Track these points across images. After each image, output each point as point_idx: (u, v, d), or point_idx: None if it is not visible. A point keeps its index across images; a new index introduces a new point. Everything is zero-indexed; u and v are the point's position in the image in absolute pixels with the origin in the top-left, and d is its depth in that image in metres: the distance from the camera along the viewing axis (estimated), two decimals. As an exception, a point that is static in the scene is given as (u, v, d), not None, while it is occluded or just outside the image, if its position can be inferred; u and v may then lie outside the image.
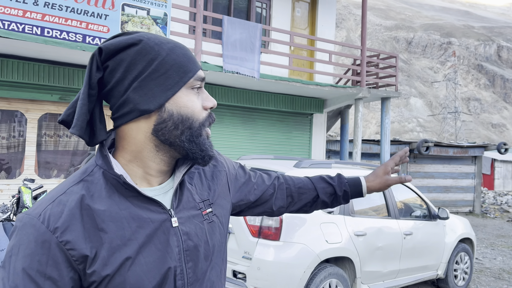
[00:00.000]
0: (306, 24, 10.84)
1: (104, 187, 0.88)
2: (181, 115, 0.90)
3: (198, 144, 0.92)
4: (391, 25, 43.88)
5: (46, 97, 7.24)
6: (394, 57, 10.53)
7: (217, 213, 1.07)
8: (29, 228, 0.81)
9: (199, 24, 7.52)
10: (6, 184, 6.96)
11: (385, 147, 10.17)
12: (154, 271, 0.88)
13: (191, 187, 1.03)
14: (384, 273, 4.39)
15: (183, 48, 0.95)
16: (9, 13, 5.81)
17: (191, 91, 0.92)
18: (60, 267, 0.81)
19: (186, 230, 0.96)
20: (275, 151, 9.92)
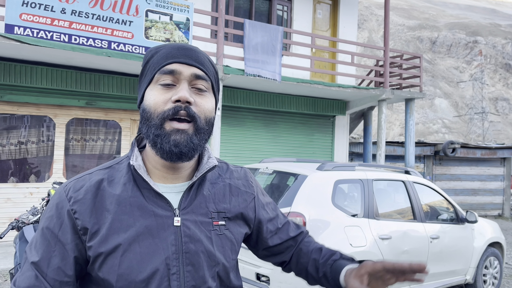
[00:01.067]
0: (328, 26, 10.78)
1: (124, 175, 0.98)
2: (144, 108, 0.96)
3: (153, 134, 0.93)
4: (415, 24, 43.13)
5: (74, 102, 7.44)
6: (418, 57, 10.35)
7: (231, 229, 1.05)
8: (56, 195, 0.96)
9: (221, 28, 7.58)
10: (35, 187, 7.17)
11: (409, 149, 9.99)
12: (146, 263, 0.92)
13: (208, 195, 1.03)
14: (410, 277, 4.30)
15: (171, 47, 0.98)
16: (38, 21, 5.99)
17: (155, 86, 0.96)
18: (68, 232, 0.92)
19: (189, 233, 0.97)
20: (297, 154, 9.89)
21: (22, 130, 7.19)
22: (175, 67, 0.95)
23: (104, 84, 7.52)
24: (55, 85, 7.08)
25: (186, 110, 0.93)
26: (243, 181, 1.14)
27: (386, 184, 4.71)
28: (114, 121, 7.95)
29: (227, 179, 1.11)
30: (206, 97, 0.99)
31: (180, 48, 0.98)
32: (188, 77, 0.95)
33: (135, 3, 6.66)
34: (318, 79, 10.19)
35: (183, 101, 0.92)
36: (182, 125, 0.93)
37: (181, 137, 0.93)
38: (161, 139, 0.92)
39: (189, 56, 0.97)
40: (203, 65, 0.99)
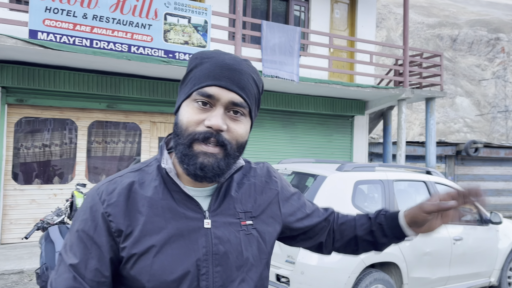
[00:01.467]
0: (346, 25, 10.70)
1: (154, 177, 0.99)
2: (176, 122, 0.97)
3: (181, 153, 0.94)
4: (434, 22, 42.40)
5: (95, 105, 7.58)
6: (439, 56, 10.18)
7: (258, 228, 1.06)
8: (89, 198, 0.97)
9: (239, 30, 7.62)
10: (59, 189, 7.33)
11: (430, 149, 9.84)
12: (177, 264, 0.94)
13: (236, 196, 1.05)
14: (433, 279, 4.24)
15: (215, 62, 0.95)
16: (61, 26, 6.14)
17: (191, 103, 0.95)
18: (103, 234, 0.93)
19: (219, 234, 0.98)
20: (315, 155, 9.85)
21: (46, 133, 7.36)
22: (214, 92, 0.93)
23: (124, 87, 7.64)
24: (77, 89, 7.24)
25: (216, 137, 0.92)
26: (266, 178, 1.14)
27: (407, 184, 4.65)
28: (134, 123, 8.07)
29: (252, 177, 1.12)
30: (241, 123, 0.97)
31: (224, 67, 0.94)
32: (225, 103, 0.94)
33: (154, 7, 6.75)
34: (337, 79, 10.13)
35: (215, 129, 0.91)
36: (211, 149, 0.92)
37: (209, 160, 0.92)
38: (188, 160, 0.93)
39: (231, 79, 0.94)
40: (243, 89, 0.96)
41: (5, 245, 6.78)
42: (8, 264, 5.63)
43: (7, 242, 6.90)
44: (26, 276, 5.45)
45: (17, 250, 6.45)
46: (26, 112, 7.16)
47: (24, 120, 7.18)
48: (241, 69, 0.96)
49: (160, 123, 8.30)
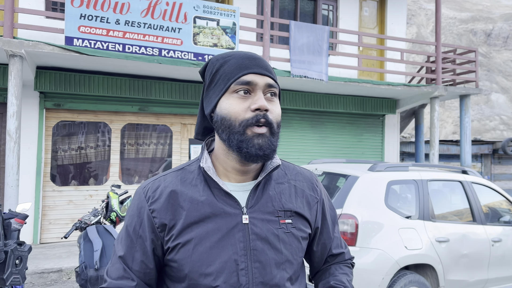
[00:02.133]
0: (375, 23, 10.54)
1: (196, 176, 1.06)
2: (222, 116, 1.02)
3: (237, 140, 1.00)
4: (467, 17, 41.13)
5: (127, 109, 7.77)
6: (473, 51, 9.87)
7: (297, 228, 1.08)
8: (136, 196, 1.07)
9: (267, 31, 7.64)
10: (94, 190, 7.56)
11: (465, 147, 9.55)
12: (215, 257, 0.99)
13: (274, 194, 1.08)
14: (471, 282, 4.12)
15: (240, 57, 1.05)
16: (95, 32, 6.33)
17: (232, 95, 1.02)
18: (147, 230, 1.02)
19: (256, 230, 1.02)
20: (346, 155, 9.74)
21: (81, 136, 7.61)
22: (251, 78, 1.02)
23: (156, 90, 7.80)
24: (111, 93, 7.44)
25: (265, 117, 1.00)
26: (308, 184, 1.18)
27: (442, 184, 4.54)
28: (165, 125, 8.23)
29: (292, 180, 1.15)
30: (276, 103, 1.06)
31: (250, 58, 1.04)
32: (263, 86, 1.03)
33: (184, 11, 6.86)
34: (366, 77, 9.99)
35: (262, 109, 1.00)
36: (261, 130, 1.00)
37: (263, 140, 1.00)
38: (246, 144, 0.99)
39: (261, 66, 1.04)
40: (271, 73, 1.06)
41: (45, 245, 7.05)
42: (48, 263, 5.85)
43: (47, 242, 7.17)
44: (64, 274, 5.64)
45: (56, 249, 6.70)
46: (63, 116, 7.42)
47: (61, 123, 7.45)
48: (261, 57, 1.07)
49: (191, 124, 8.42)
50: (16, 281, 2.85)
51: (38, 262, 5.85)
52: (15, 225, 3.23)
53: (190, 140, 8.42)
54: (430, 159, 9.24)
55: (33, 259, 5.91)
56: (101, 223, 4.18)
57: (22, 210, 3.69)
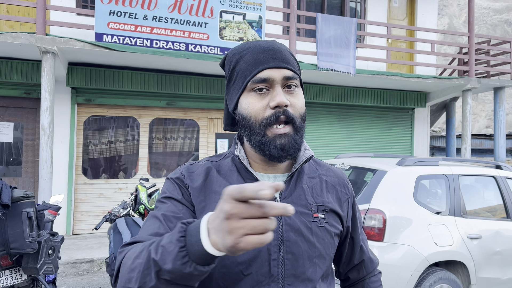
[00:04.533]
0: (405, 14, 10.27)
1: (230, 167, 1.06)
2: (242, 116, 1.00)
3: (258, 142, 0.97)
4: (501, 7, 39.55)
5: (155, 103, 7.89)
6: (508, 42, 9.49)
7: (330, 223, 1.06)
8: (172, 175, 1.06)
9: (293, 24, 7.57)
10: (124, 183, 7.73)
11: (499, 142, 9.22)
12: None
13: (306, 188, 1.06)
14: (503, 280, 3.99)
15: (256, 51, 1.00)
16: (123, 28, 6.44)
17: (250, 93, 0.99)
18: (188, 200, 1.00)
19: (289, 222, 0.99)
20: (374, 149, 9.58)
21: (111, 131, 7.79)
22: (267, 75, 0.97)
23: (183, 85, 7.88)
24: (139, 88, 7.57)
25: (285, 114, 0.96)
26: (339, 180, 1.16)
27: (474, 180, 4.39)
28: (192, 120, 8.31)
29: (324, 175, 1.13)
30: (297, 94, 1.01)
31: (265, 50, 0.99)
32: (281, 80, 0.98)
33: (210, 5, 6.89)
34: (395, 70, 9.77)
35: (281, 106, 0.95)
36: (282, 130, 0.97)
37: (286, 140, 0.97)
38: (268, 146, 0.97)
39: (277, 58, 0.99)
40: (290, 63, 1.00)
41: (77, 236, 7.27)
42: (80, 253, 6.04)
43: (79, 233, 7.40)
44: (96, 264, 5.81)
45: (87, 240, 6.90)
46: (93, 111, 7.61)
47: (91, 118, 7.64)
48: (278, 47, 1.01)
49: (217, 119, 8.47)
50: (49, 271, 2.95)
51: (71, 252, 6.05)
52: (49, 216, 3.34)
53: (217, 135, 8.47)
54: (461, 154, 8.97)
55: (66, 250, 6.11)
56: (130, 215, 4.28)
57: (55, 202, 3.82)
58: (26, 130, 7.26)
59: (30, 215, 2.76)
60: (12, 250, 2.71)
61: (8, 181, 7.06)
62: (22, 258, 2.90)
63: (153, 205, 4.44)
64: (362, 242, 1.22)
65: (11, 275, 2.92)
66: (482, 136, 11.60)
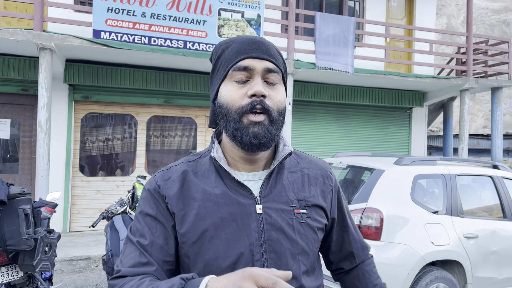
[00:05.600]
0: (403, 14, 10.28)
1: (207, 167, 1.05)
2: (220, 104, 1.00)
3: (232, 128, 0.97)
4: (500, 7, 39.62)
5: (153, 101, 7.88)
6: (506, 42, 9.51)
7: (312, 218, 1.05)
8: (147, 185, 1.05)
9: (292, 22, 7.56)
10: (121, 181, 7.72)
11: (496, 141, 9.25)
12: (231, 248, 0.96)
13: (287, 184, 1.05)
14: (499, 279, 4.00)
15: (241, 42, 1.00)
16: (121, 26, 6.42)
17: (230, 82, 0.99)
18: (165, 214, 0.99)
19: (271, 220, 0.99)
20: (371, 148, 9.59)
21: (108, 128, 7.77)
22: (248, 63, 0.97)
23: (181, 82, 7.87)
24: (137, 85, 7.55)
25: (261, 104, 0.96)
26: (321, 172, 1.14)
27: (471, 179, 4.41)
28: (190, 117, 8.30)
29: (305, 168, 1.12)
30: (277, 89, 1.01)
31: (250, 42, 1.00)
32: (261, 71, 0.98)
33: (208, 3, 6.87)
34: (393, 69, 9.79)
35: (259, 95, 0.96)
36: (258, 117, 0.96)
37: (259, 128, 0.96)
38: (241, 132, 0.96)
39: (261, 49, 0.99)
40: (273, 57, 1.00)
41: (73, 233, 7.26)
42: (76, 250, 6.03)
43: (75, 230, 7.39)
44: (92, 262, 5.80)
45: (84, 237, 6.89)
46: (91, 108, 7.59)
47: (89, 115, 7.62)
48: (264, 41, 1.01)
49: (215, 117, 8.47)
50: (45, 268, 2.94)
51: (68, 249, 6.04)
52: (45, 214, 3.33)
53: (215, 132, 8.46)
54: (459, 154, 8.99)
55: (63, 247, 6.10)
56: (127, 213, 4.26)
57: (52, 199, 3.81)
58: (23, 127, 7.24)
59: (27, 212, 2.75)
60: (8, 247, 2.70)
61: (5, 178, 7.04)
62: (19, 255, 2.89)
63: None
64: (351, 230, 1.21)
65: (8, 272, 2.91)
66: (479, 136, 11.63)
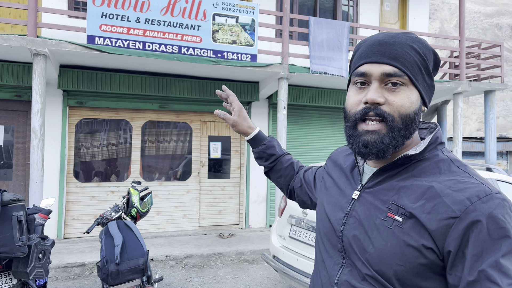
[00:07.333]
0: (397, 18, 10.36)
1: (351, 151, 1.21)
2: (344, 107, 1.03)
3: (347, 134, 1.01)
4: (492, 11, 40.04)
5: (148, 106, 7.86)
6: (498, 46, 9.60)
7: (406, 230, 0.89)
8: None
9: (286, 27, 7.59)
10: (116, 186, 7.69)
11: (490, 144, 9.31)
12: (327, 218, 1.11)
13: (397, 185, 0.96)
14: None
15: (368, 44, 0.98)
16: (116, 31, 6.42)
17: (352, 87, 1.01)
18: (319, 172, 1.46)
19: (357, 209, 1.02)
20: (366, 152, 9.60)
21: (103, 133, 7.74)
22: (365, 69, 0.95)
23: (176, 87, 7.87)
24: (132, 90, 7.54)
25: (374, 111, 0.93)
26: (457, 195, 0.87)
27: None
28: (185, 122, 8.29)
29: (436, 182, 0.92)
30: (400, 93, 0.93)
31: (375, 44, 0.96)
32: (379, 76, 0.94)
33: (203, 8, 6.89)
34: (387, 74, 9.83)
35: (371, 103, 0.93)
36: (371, 126, 0.94)
37: (371, 137, 0.94)
38: (353, 140, 0.98)
39: (381, 52, 0.94)
40: (396, 59, 0.93)
41: (68, 239, 7.21)
42: (71, 257, 5.98)
43: (70, 237, 7.34)
44: (87, 269, 5.76)
45: (79, 244, 6.84)
46: (85, 114, 7.56)
47: (83, 121, 7.59)
48: (393, 41, 0.95)
49: (210, 122, 8.47)
50: (39, 275, 2.91)
51: (62, 256, 5.99)
52: (39, 220, 3.31)
53: (210, 137, 8.46)
54: (453, 157, 9.04)
55: (57, 254, 6.05)
56: (122, 218, 4.24)
57: (46, 205, 3.78)
58: (17, 133, 7.20)
59: (20, 219, 2.73)
60: (1, 254, 2.68)
61: (-2, 184, 6.99)
62: (12, 262, 2.86)
63: (145, 208, 4.42)
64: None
65: (1, 279, 2.88)
66: (473, 139, 11.70)
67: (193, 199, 8.25)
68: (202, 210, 8.31)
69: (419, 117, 0.97)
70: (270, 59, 8.17)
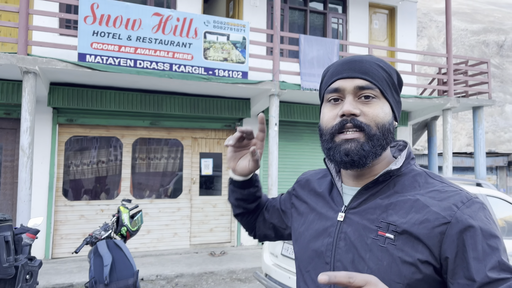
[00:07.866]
0: (385, 36, 10.53)
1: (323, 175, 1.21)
2: (319, 125, 1.05)
3: (326, 148, 1.02)
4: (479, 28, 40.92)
5: (139, 123, 7.84)
6: (485, 63, 9.78)
7: (400, 247, 0.89)
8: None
9: (277, 45, 7.67)
10: (106, 205, 7.59)
11: (480, 159, 9.40)
12: (309, 245, 1.07)
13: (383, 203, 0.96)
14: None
15: (338, 64, 1.03)
16: (107, 49, 6.43)
17: (326, 104, 1.04)
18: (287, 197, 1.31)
19: (346, 230, 0.99)
20: (357, 168, 9.64)
21: (93, 151, 7.68)
22: (338, 85, 0.99)
23: (167, 104, 7.87)
24: (122, 107, 7.52)
25: (352, 122, 0.96)
26: (443, 203, 0.90)
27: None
28: (176, 139, 8.26)
29: (420, 195, 0.94)
30: (374, 104, 0.97)
31: (344, 63, 1.01)
32: (352, 90, 0.98)
33: (194, 26, 6.95)
34: (377, 90, 9.94)
35: (347, 115, 0.96)
36: (350, 135, 0.96)
37: (351, 145, 0.96)
38: (333, 151, 0.99)
39: (352, 68, 0.99)
40: (367, 74, 0.98)
41: (56, 260, 7.06)
42: (59, 278, 5.85)
43: (58, 257, 7.19)
44: (75, 289, 5.63)
45: (67, 264, 6.70)
46: (75, 131, 7.51)
47: (73, 138, 7.53)
48: (361, 59, 1.00)
49: (201, 138, 8.45)
50: (25, 297, 2.84)
51: (50, 277, 5.86)
52: (26, 240, 3.24)
53: (201, 154, 8.43)
54: (443, 172, 9.10)
55: (44, 274, 5.92)
56: (112, 237, 4.18)
57: (34, 225, 3.71)
58: (5, 151, 7.11)
59: (7, 239, 2.68)
60: (-14, 276, 2.61)
61: (-15, 203, 6.86)
62: (-3, 284, 2.79)
63: (135, 227, 4.36)
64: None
65: (-15, 303, 2.80)
66: (463, 154, 11.82)
67: (184, 216, 8.17)
68: (193, 228, 8.22)
69: (393, 129, 1.01)
70: (261, 76, 8.23)
